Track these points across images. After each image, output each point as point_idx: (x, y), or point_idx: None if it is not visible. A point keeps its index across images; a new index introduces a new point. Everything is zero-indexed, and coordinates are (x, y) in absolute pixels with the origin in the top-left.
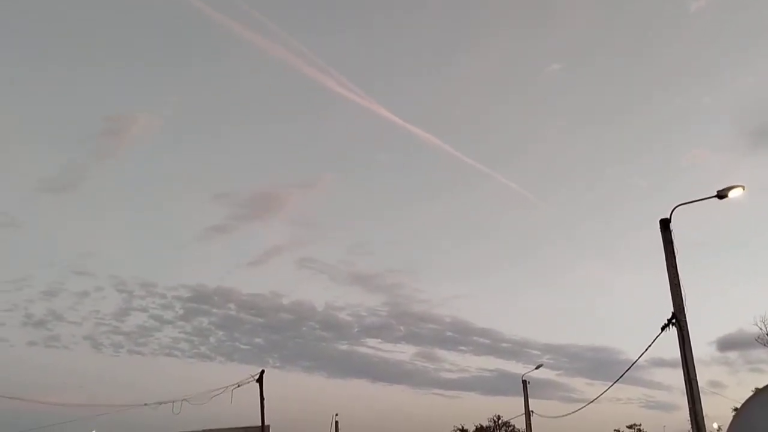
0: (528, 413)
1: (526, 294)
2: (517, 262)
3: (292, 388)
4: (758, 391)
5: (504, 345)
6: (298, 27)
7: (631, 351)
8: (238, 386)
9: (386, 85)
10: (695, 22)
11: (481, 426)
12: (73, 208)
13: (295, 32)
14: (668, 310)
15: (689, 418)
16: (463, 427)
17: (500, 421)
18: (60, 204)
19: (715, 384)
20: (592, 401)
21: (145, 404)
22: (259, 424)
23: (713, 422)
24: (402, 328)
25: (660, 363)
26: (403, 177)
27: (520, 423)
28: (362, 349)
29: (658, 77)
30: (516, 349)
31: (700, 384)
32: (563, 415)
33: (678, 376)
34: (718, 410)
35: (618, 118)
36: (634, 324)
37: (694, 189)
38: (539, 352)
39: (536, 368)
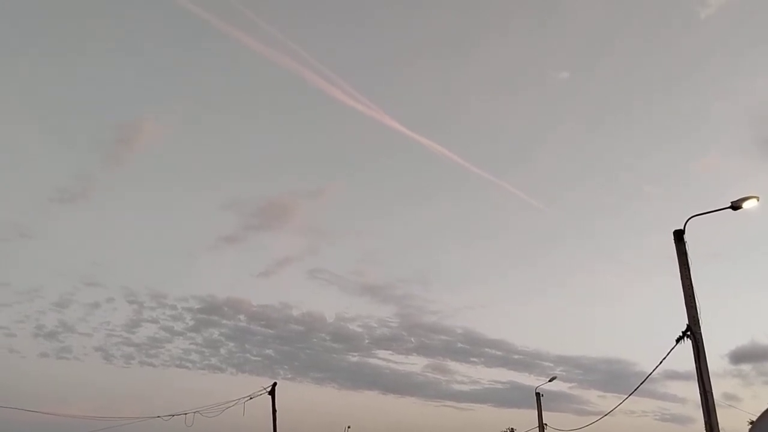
0: (541, 426)
1: (537, 305)
2: (527, 273)
3: (303, 399)
4: None
5: (516, 357)
6: (305, 37)
7: (644, 363)
8: (251, 398)
9: (393, 94)
10: (706, 29)
11: None
12: (84, 218)
13: (302, 42)
14: (681, 319)
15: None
16: None
17: None
18: (71, 214)
19: (729, 397)
20: (606, 414)
21: (158, 416)
22: None
23: None
24: (413, 339)
25: (674, 375)
26: (412, 185)
27: None
28: (373, 361)
29: (668, 83)
30: (528, 361)
31: (714, 397)
32: (577, 429)
33: (692, 389)
34: (734, 423)
35: (628, 124)
36: (648, 334)
37: (706, 196)
38: (552, 364)
39: (549, 380)
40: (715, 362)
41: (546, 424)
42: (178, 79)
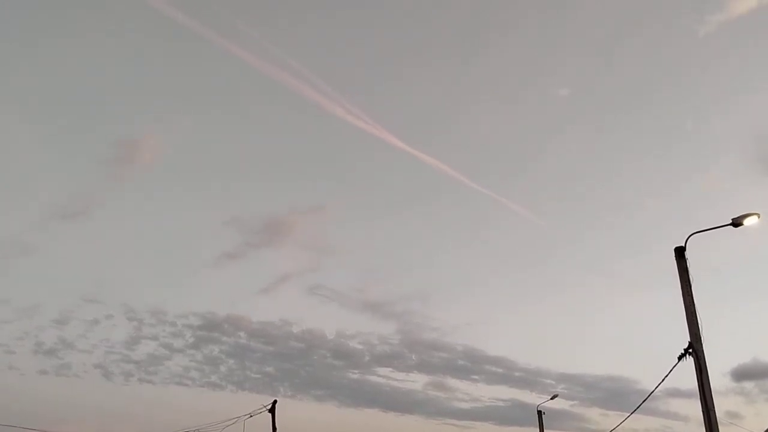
0: None
1: (539, 321)
2: (528, 289)
3: (304, 417)
4: None
5: (517, 374)
6: (305, 54)
7: (646, 380)
8: (251, 416)
9: (392, 109)
10: (705, 47)
11: None
12: (85, 234)
13: (303, 59)
14: (683, 336)
15: None
16: None
17: None
18: (72, 230)
19: (732, 415)
20: None
21: None
22: None
23: None
24: (413, 356)
25: (676, 393)
26: (412, 201)
27: None
28: (374, 378)
29: (669, 100)
30: (530, 379)
31: (717, 414)
32: None
33: (695, 407)
34: None
35: (628, 140)
36: (649, 351)
37: (707, 212)
38: (554, 382)
39: (551, 398)
40: (717, 380)
41: None
42: (180, 96)
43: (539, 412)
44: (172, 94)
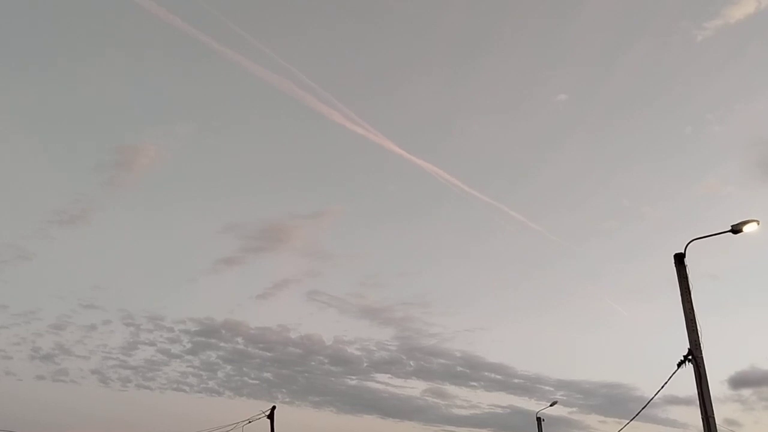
0: None
1: (537, 328)
2: (527, 296)
3: (302, 423)
4: None
5: (516, 381)
6: (305, 61)
7: (645, 387)
8: (249, 422)
9: (392, 117)
10: (703, 53)
11: None
12: (83, 240)
13: (303, 66)
14: (682, 343)
15: None
16: None
17: None
18: (70, 236)
19: (731, 422)
20: None
21: None
22: None
23: None
24: (412, 363)
25: (674, 400)
26: (412, 208)
27: None
28: (372, 385)
29: (666, 107)
30: (529, 385)
31: (716, 422)
32: None
33: (693, 414)
34: None
35: (627, 147)
36: (648, 358)
37: (707, 219)
38: (552, 389)
39: (551, 405)
40: (715, 387)
41: None
42: (179, 102)
43: (538, 419)
44: (171, 101)
